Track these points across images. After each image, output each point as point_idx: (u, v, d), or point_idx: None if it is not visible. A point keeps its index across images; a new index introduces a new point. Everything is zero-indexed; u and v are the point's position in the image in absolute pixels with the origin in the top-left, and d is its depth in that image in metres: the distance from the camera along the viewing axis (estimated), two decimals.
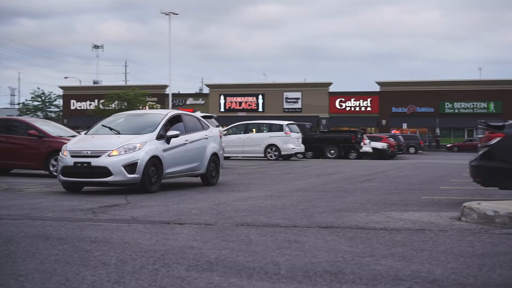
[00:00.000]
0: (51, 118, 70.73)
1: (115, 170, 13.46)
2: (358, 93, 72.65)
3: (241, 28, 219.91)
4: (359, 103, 72.03)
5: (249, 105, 73.35)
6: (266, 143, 33.64)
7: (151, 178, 14.00)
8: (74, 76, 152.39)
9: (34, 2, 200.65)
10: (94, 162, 13.57)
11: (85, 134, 15.36)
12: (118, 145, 13.79)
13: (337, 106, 72.09)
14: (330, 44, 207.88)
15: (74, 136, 18.58)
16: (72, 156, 13.82)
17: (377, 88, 72.56)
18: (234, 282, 5.39)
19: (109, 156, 13.60)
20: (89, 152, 13.77)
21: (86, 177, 13.70)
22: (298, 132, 34.77)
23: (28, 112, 79.95)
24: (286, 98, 72.67)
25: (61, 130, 20.05)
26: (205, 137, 16.61)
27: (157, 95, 71.57)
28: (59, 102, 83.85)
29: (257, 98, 73.18)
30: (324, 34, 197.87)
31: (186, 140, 15.60)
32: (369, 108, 71.84)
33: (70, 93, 79.27)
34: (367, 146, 41.54)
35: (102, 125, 15.38)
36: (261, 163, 29.44)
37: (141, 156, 13.76)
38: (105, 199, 12.41)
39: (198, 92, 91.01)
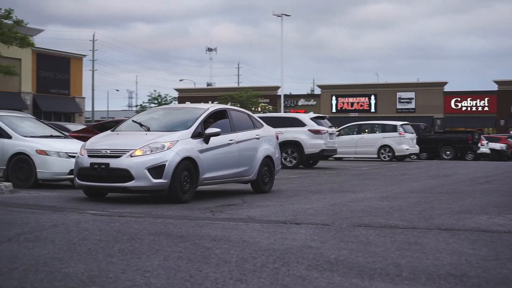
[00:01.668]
0: None
1: (137, 174, 11.32)
2: (474, 92, 70.53)
3: (352, 28, 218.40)
4: (476, 103, 69.87)
5: (361, 105, 72.67)
6: (380, 144, 33.27)
7: (183, 184, 11.72)
8: (188, 79, 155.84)
9: (149, 8, 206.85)
10: (113, 163, 11.50)
11: (112, 131, 13.33)
12: (143, 144, 11.65)
13: (453, 106, 70.25)
14: (443, 43, 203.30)
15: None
16: (89, 156, 11.87)
17: (494, 87, 70.18)
18: (355, 283, 5.34)
19: (131, 156, 11.49)
20: (108, 152, 11.73)
21: (104, 181, 11.62)
22: (412, 133, 34.19)
23: None
24: (399, 98, 71.49)
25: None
26: (257, 137, 14.29)
27: (269, 96, 72.10)
28: (175, 104, 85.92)
29: (369, 99, 72.38)
30: (436, 32, 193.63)
31: (231, 140, 13.28)
32: (486, 108, 69.58)
33: (185, 95, 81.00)
34: (485, 147, 40.31)
35: (133, 121, 13.31)
36: (375, 164, 29.12)
37: (170, 157, 11.52)
38: (222, 198, 12.60)
39: (309, 93, 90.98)
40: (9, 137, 15.00)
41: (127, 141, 12.03)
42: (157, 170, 11.37)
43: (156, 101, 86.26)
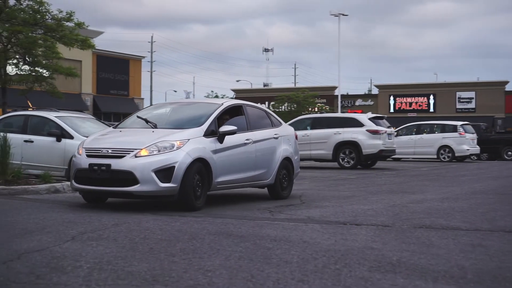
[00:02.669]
0: None
1: (142, 177, 9.99)
2: None
3: (410, 27, 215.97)
4: None
5: (419, 105, 71.72)
6: (439, 144, 32.83)
7: (195, 189, 10.43)
8: (245, 79, 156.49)
9: (205, 9, 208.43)
10: (115, 164, 10.14)
11: (114, 128, 12.05)
12: (150, 143, 10.31)
13: None
14: (504, 41, 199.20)
15: None
16: (88, 156, 10.50)
17: None
18: (419, 285, 5.27)
19: (136, 157, 10.14)
20: (109, 151, 10.35)
21: (105, 185, 10.27)
22: (472, 133, 33.64)
23: None
24: (459, 98, 70.30)
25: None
26: (275, 136, 12.86)
27: (326, 97, 71.77)
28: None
29: (428, 98, 71.37)
30: (497, 30, 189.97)
31: (247, 139, 11.89)
32: None
33: (242, 95, 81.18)
34: None
35: (137, 117, 11.87)
36: (434, 165, 28.74)
37: (180, 158, 10.19)
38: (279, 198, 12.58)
39: (367, 93, 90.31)
40: (71, 137, 15.28)
41: (131, 139, 10.74)
42: (165, 172, 10.08)
43: None
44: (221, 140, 11.11)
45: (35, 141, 15.60)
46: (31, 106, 42.81)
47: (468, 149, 32.68)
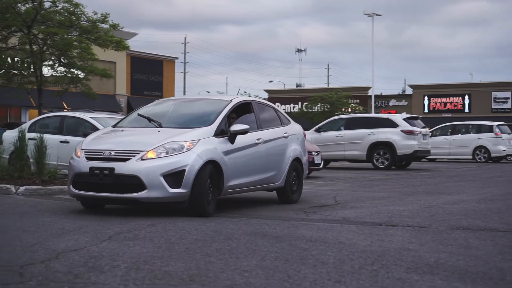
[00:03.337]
0: None
1: (150, 182, 9.12)
2: None
3: (444, 27, 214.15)
4: None
5: (454, 105, 71.05)
6: (475, 145, 32.49)
7: (207, 194, 9.55)
8: (278, 80, 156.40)
9: (238, 10, 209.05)
10: (119, 168, 9.23)
11: (113, 127, 10.95)
12: (157, 144, 9.42)
13: None
14: None
15: None
16: (88, 159, 9.58)
17: None
18: (458, 286, 5.21)
19: (142, 159, 9.27)
20: (112, 153, 9.44)
21: (108, 191, 9.35)
22: (509, 133, 33.24)
23: None
24: (495, 98, 69.48)
25: None
26: (285, 135, 11.88)
27: (359, 97, 71.44)
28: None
29: (463, 99, 70.66)
30: None
31: (258, 139, 10.98)
32: None
33: (275, 96, 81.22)
34: None
35: (138, 115, 10.89)
36: (470, 166, 28.45)
37: (191, 160, 9.32)
38: (313, 200, 12.53)
39: (400, 93, 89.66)
40: None
41: (135, 139, 9.88)
42: (175, 177, 9.22)
43: None
44: (232, 140, 10.22)
45: (71, 141, 15.75)
46: (66, 107, 43.29)
47: (504, 150, 32.30)
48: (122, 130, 10.42)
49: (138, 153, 9.32)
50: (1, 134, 17.66)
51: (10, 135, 16.48)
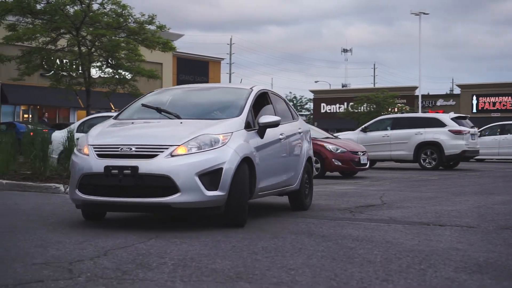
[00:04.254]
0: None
1: (184, 183, 7.48)
2: None
3: (492, 25, 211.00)
4: None
5: (503, 105, 69.88)
6: None
7: (247, 197, 8.15)
8: (324, 80, 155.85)
9: (282, 11, 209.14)
10: (144, 166, 7.50)
11: (115, 118, 9.02)
12: (186, 137, 7.77)
13: None
14: None
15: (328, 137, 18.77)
16: (100, 156, 7.78)
17: None
18: (507, 286, 5.13)
19: (172, 156, 7.61)
20: (133, 149, 7.66)
21: (129, 195, 7.61)
22: None
23: None
24: None
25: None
26: (299, 131, 10.39)
27: (406, 97, 70.78)
28: (310, 105, 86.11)
29: None
30: None
31: (281, 134, 9.41)
32: None
33: (320, 96, 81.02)
34: None
35: (143, 105, 9.06)
36: None
37: (228, 157, 7.78)
38: (359, 199, 12.46)
39: (448, 93, 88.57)
40: None
41: (159, 132, 8.16)
42: (211, 176, 7.64)
43: (292, 103, 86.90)
44: (262, 134, 8.71)
45: None
46: (113, 108, 43.83)
47: None
48: (133, 122, 8.65)
49: (167, 148, 7.63)
50: (50, 134, 17.95)
51: (59, 135, 16.76)
